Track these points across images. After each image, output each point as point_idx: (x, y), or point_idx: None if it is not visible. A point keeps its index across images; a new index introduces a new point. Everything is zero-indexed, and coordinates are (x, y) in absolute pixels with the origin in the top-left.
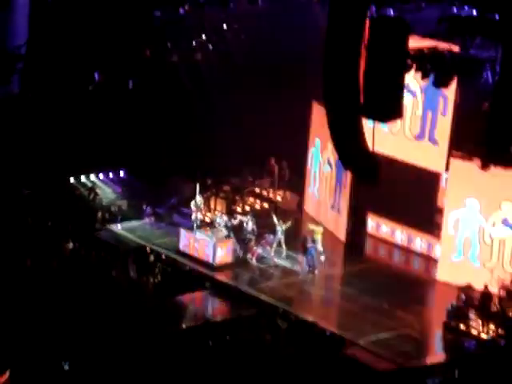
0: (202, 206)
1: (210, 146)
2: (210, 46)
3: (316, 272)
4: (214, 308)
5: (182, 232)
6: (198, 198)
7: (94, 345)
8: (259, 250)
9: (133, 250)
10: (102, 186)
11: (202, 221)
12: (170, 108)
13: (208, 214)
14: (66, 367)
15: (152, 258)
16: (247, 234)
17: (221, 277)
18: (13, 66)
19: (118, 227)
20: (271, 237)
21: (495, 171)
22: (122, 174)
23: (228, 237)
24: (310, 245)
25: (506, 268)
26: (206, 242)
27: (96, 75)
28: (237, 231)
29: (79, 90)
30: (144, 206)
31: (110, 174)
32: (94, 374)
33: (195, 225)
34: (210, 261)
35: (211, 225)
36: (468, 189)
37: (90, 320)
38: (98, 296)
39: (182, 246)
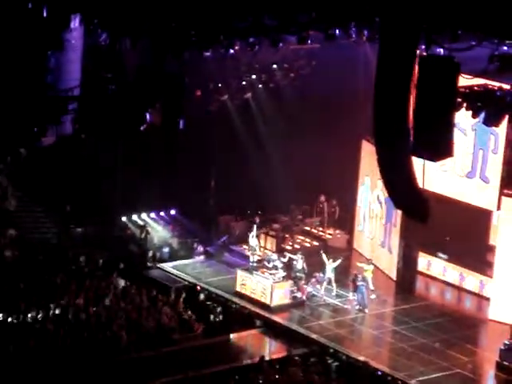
0: (258, 246)
1: (261, 184)
2: (260, 85)
3: (366, 310)
4: (265, 347)
5: (239, 272)
6: (254, 239)
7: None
8: (309, 289)
9: (183, 288)
10: (154, 224)
11: (259, 261)
12: (220, 146)
13: (258, 253)
14: None
15: (202, 296)
16: (297, 272)
17: (272, 316)
18: (65, 107)
19: (168, 266)
20: (321, 275)
21: None
22: (173, 212)
23: (285, 277)
24: (360, 283)
25: None
26: (264, 282)
27: (148, 116)
28: (287, 270)
29: (131, 130)
30: (195, 245)
31: (162, 213)
32: None
33: (251, 265)
34: (267, 302)
35: (263, 263)
36: None
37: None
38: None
39: (238, 287)
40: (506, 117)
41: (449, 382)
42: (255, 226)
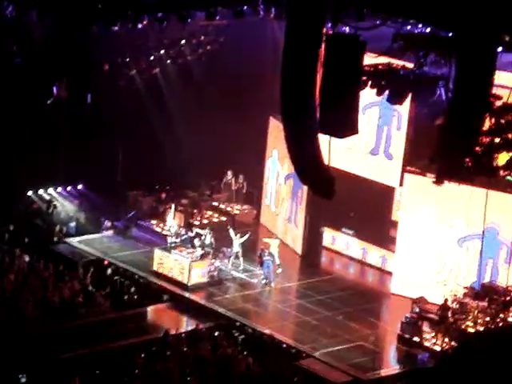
0: (177, 225)
1: (169, 160)
2: (168, 61)
3: (272, 285)
4: (173, 321)
5: (156, 251)
6: (171, 219)
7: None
8: (217, 263)
9: (90, 263)
10: (60, 199)
11: (177, 241)
12: (128, 122)
13: (165, 228)
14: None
15: (110, 271)
16: (205, 247)
17: (178, 290)
18: None
19: (75, 241)
20: (228, 250)
21: (448, 186)
22: (79, 187)
23: (203, 256)
24: (266, 257)
25: (459, 281)
26: (181, 261)
27: (54, 89)
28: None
29: (38, 104)
30: (102, 220)
31: (69, 188)
32: None
33: (170, 245)
34: (185, 281)
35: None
36: (422, 203)
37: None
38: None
39: (155, 266)
40: (409, 95)
41: (352, 354)
42: (173, 206)
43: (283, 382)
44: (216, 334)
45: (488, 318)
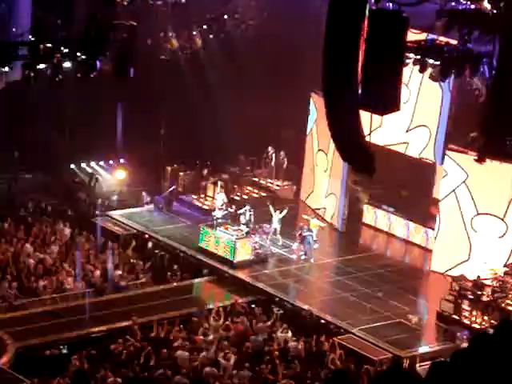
0: (225, 202)
1: (210, 135)
2: (211, 35)
3: (312, 260)
4: (212, 295)
5: (202, 228)
6: (222, 195)
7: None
8: (256, 239)
9: (132, 236)
10: (103, 172)
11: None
12: (169, 96)
13: (206, 203)
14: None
15: (150, 244)
16: (245, 224)
17: (223, 267)
18: (15, 52)
19: (117, 214)
20: (267, 226)
21: (491, 164)
22: (121, 161)
23: (248, 234)
24: (306, 233)
25: (498, 260)
26: (227, 238)
27: (98, 63)
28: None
29: (84, 76)
30: (143, 194)
31: (111, 161)
32: None
33: (215, 222)
34: (231, 258)
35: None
36: (463, 181)
37: None
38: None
39: (201, 243)
40: (453, 72)
41: (390, 331)
42: (219, 183)
43: (321, 357)
44: (255, 308)
45: None
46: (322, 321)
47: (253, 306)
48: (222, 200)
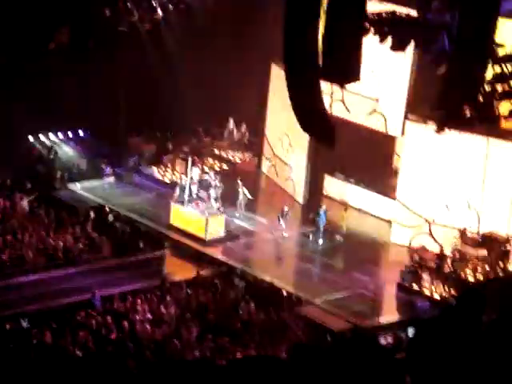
0: (198, 178)
1: (171, 107)
2: (171, 6)
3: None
4: (173, 267)
5: (173, 205)
6: (195, 170)
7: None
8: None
9: (92, 209)
10: (62, 145)
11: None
12: (130, 67)
13: (167, 175)
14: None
15: (111, 217)
16: (215, 198)
17: (179, 237)
18: None
19: (77, 187)
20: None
21: (450, 135)
22: (81, 133)
23: (220, 210)
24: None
25: (458, 230)
26: (198, 216)
27: (56, 35)
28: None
29: (40, 48)
30: (104, 166)
31: (70, 134)
32: None
33: (187, 199)
34: (202, 236)
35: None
36: (423, 152)
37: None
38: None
39: (172, 220)
40: (412, 42)
41: (351, 302)
42: (190, 160)
43: (284, 328)
44: (217, 281)
45: (488, 267)
46: (284, 292)
47: (215, 278)
48: (198, 175)
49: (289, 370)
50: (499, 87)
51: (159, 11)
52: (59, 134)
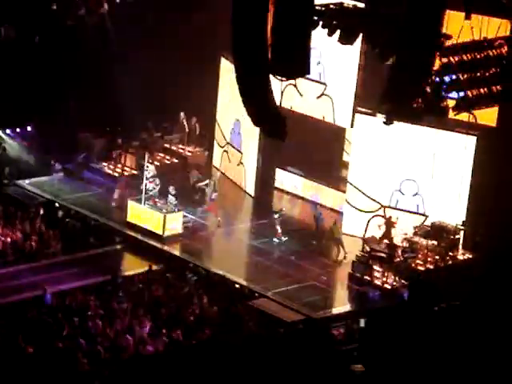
0: (154, 174)
1: (120, 101)
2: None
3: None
4: (125, 263)
5: (130, 203)
6: (151, 167)
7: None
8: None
9: (41, 205)
10: (9, 140)
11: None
12: (77, 62)
13: (118, 170)
14: None
15: (61, 213)
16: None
17: (132, 232)
18: None
19: (25, 182)
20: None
21: (398, 126)
22: (29, 128)
23: (177, 207)
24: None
25: (408, 222)
26: (156, 213)
27: (2, 30)
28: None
29: None
30: (52, 162)
31: (17, 129)
32: None
33: (144, 196)
34: (160, 232)
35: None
36: (372, 144)
37: None
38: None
39: (130, 217)
40: (361, 35)
41: (303, 294)
42: (147, 156)
43: (237, 321)
44: (169, 275)
45: (437, 257)
46: (237, 285)
47: (167, 273)
48: (153, 172)
49: (240, 357)
50: (447, 78)
51: (105, 5)
52: (6, 129)
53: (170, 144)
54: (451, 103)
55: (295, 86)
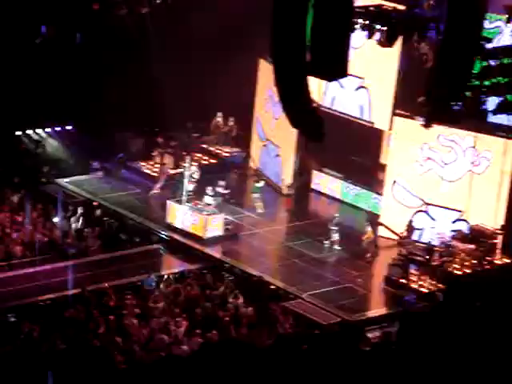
0: (196, 175)
1: (158, 101)
2: (158, 0)
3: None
4: (162, 262)
5: (171, 204)
6: (193, 168)
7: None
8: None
9: (80, 203)
10: (49, 139)
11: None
12: (117, 62)
13: (156, 169)
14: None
15: (99, 211)
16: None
17: (170, 233)
18: None
19: (64, 181)
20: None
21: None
22: (69, 128)
23: (218, 208)
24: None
25: (448, 224)
26: (197, 215)
27: (43, 29)
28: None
29: (26, 43)
30: (91, 161)
31: (57, 128)
32: None
33: (185, 197)
34: (201, 234)
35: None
36: (411, 146)
37: None
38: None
39: (170, 219)
40: (400, 37)
41: (339, 296)
42: (188, 157)
43: (272, 323)
44: (206, 275)
45: (475, 261)
46: (272, 286)
47: (204, 272)
48: (196, 172)
49: (269, 359)
50: (486, 82)
51: (146, 6)
52: (47, 128)
53: (207, 144)
54: (491, 107)
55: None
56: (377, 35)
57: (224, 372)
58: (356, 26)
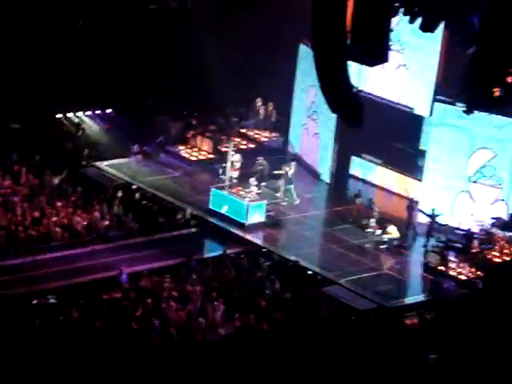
0: (239, 163)
1: (197, 85)
2: None
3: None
4: (200, 246)
5: (214, 190)
6: (237, 156)
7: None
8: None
9: (119, 187)
10: (89, 122)
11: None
12: (157, 46)
13: (194, 154)
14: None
15: (138, 195)
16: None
17: (212, 218)
18: None
19: (104, 164)
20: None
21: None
22: (109, 111)
23: (259, 195)
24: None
25: (486, 211)
26: (239, 201)
27: (92, 12)
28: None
29: (69, 26)
30: (131, 144)
31: (97, 111)
32: None
33: (228, 183)
34: (242, 221)
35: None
36: (451, 133)
37: None
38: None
39: (212, 205)
40: (442, 23)
41: (377, 282)
42: (232, 143)
43: (309, 308)
44: (243, 259)
45: None
46: (310, 272)
47: (241, 257)
48: (239, 160)
49: (312, 343)
50: None
51: None
52: (87, 111)
53: (246, 129)
54: None
55: None
56: (419, 20)
57: (262, 356)
58: (397, 11)
